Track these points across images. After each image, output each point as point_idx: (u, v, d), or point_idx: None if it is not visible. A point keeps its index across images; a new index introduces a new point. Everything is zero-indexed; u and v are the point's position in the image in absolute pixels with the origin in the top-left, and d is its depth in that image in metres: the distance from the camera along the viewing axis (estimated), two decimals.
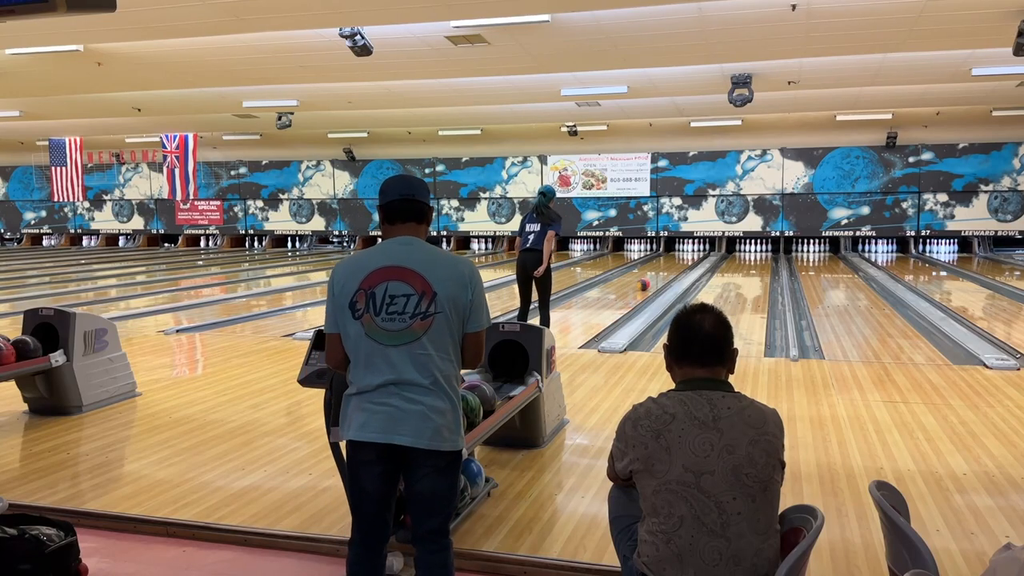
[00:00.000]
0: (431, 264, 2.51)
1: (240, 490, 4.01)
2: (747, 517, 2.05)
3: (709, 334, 2.25)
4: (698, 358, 2.25)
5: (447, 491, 2.55)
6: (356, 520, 2.61)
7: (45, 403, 5.46)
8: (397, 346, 2.46)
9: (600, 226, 21.63)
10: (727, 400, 2.18)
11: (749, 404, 2.19)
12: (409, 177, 2.70)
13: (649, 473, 2.14)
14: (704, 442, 2.09)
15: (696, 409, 2.14)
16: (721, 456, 2.08)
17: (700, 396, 2.18)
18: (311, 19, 8.98)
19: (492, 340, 4.66)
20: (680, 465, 2.09)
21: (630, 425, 2.23)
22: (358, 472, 2.54)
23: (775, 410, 2.25)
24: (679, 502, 2.08)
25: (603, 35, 9.80)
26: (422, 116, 17.42)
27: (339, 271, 2.57)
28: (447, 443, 2.49)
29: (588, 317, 10.30)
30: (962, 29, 9.41)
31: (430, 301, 2.47)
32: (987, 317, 10.14)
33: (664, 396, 2.24)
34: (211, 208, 24.53)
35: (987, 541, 3.35)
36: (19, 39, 10.01)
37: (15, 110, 16.21)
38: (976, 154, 18.98)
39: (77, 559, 2.94)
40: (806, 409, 5.48)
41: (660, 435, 2.13)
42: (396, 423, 2.45)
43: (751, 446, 2.09)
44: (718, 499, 2.05)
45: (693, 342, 2.25)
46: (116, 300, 12.82)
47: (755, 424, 2.14)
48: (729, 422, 2.12)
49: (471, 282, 2.54)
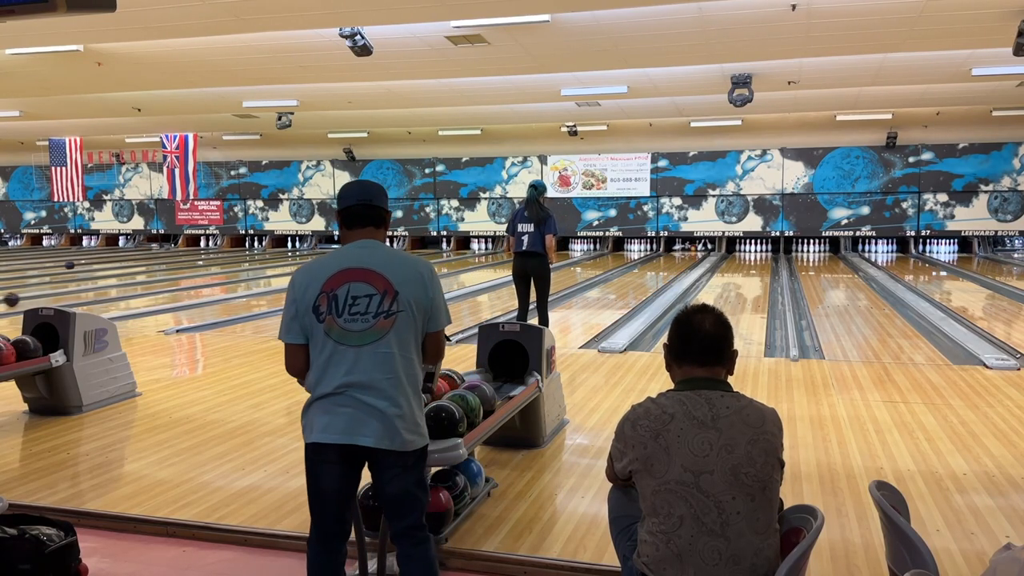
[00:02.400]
0: (391, 264, 2.55)
1: (240, 490, 4.01)
2: (746, 516, 2.06)
3: (709, 334, 2.25)
4: (697, 358, 2.25)
5: (416, 488, 2.59)
6: (316, 520, 2.63)
7: (45, 403, 5.46)
8: (360, 346, 2.49)
9: (600, 226, 21.62)
10: (726, 399, 2.18)
11: (748, 403, 2.20)
12: (367, 183, 2.75)
13: (648, 473, 2.14)
14: (703, 442, 2.09)
15: (695, 408, 2.15)
16: (720, 455, 2.08)
17: (699, 396, 2.18)
18: (311, 19, 8.98)
19: (492, 340, 4.66)
20: (679, 465, 2.09)
21: (629, 425, 2.23)
22: (319, 472, 2.57)
23: (774, 409, 2.25)
24: (678, 502, 2.08)
25: (603, 35, 9.80)
26: (422, 116, 17.42)
27: (299, 277, 2.60)
28: (410, 443, 2.53)
29: (588, 317, 10.30)
30: (962, 29, 9.41)
31: (392, 300, 2.51)
32: (987, 317, 10.14)
33: (663, 396, 2.24)
34: (211, 208, 24.53)
35: (987, 541, 3.35)
36: (19, 39, 10.01)
37: (15, 110, 16.21)
38: (976, 154, 18.98)
39: (77, 559, 2.94)
40: (806, 409, 5.48)
41: (659, 435, 2.13)
42: (359, 424, 2.47)
43: (750, 445, 2.10)
44: (717, 499, 2.06)
45: (692, 342, 2.26)
46: (116, 300, 12.82)
47: (754, 423, 2.14)
48: (728, 421, 2.12)
49: (430, 282, 2.59)
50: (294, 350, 2.58)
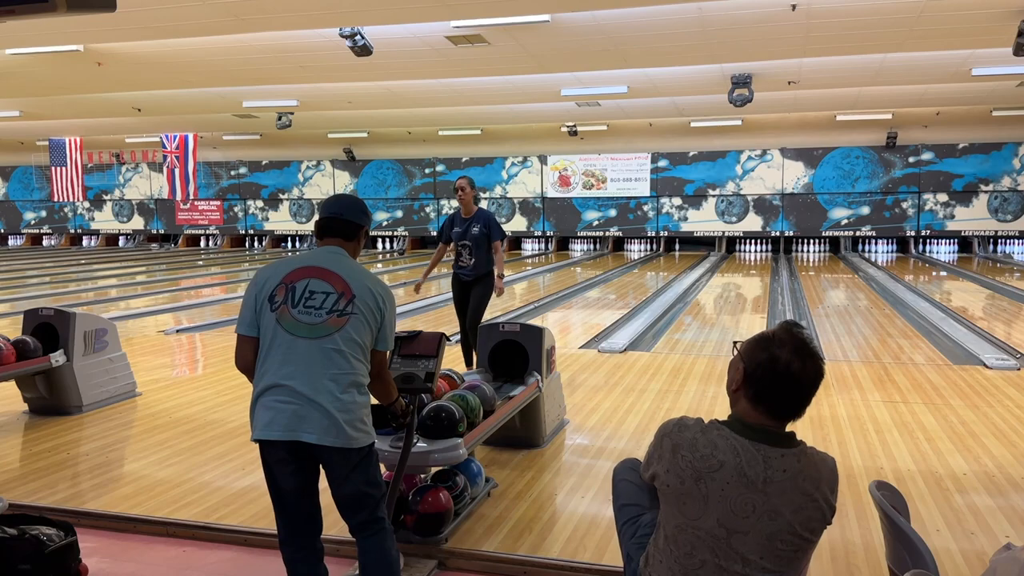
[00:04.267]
0: (353, 274, 2.60)
1: (240, 490, 4.01)
2: (772, 573, 1.92)
3: (805, 388, 1.97)
4: (779, 410, 1.97)
5: (367, 486, 2.58)
6: (281, 520, 2.62)
7: (45, 403, 5.46)
8: (309, 339, 2.50)
9: (600, 226, 21.62)
10: (784, 461, 1.93)
11: (805, 465, 1.94)
12: (345, 197, 2.81)
13: (678, 510, 1.96)
14: (747, 503, 1.89)
15: (748, 466, 1.90)
16: (760, 520, 1.89)
17: (757, 451, 1.92)
18: (311, 19, 8.98)
19: (492, 340, 4.66)
20: (715, 519, 1.90)
21: (669, 446, 2.00)
22: (272, 472, 2.56)
23: (834, 464, 2.02)
24: (704, 549, 1.93)
25: (603, 35, 9.80)
26: (422, 116, 17.42)
27: (263, 271, 2.66)
28: (355, 440, 2.51)
29: (588, 317, 10.30)
30: (962, 29, 9.41)
31: (348, 301, 2.54)
32: (987, 317, 10.14)
33: (716, 430, 1.97)
34: (211, 208, 24.53)
35: (987, 541, 3.35)
36: (19, 39, 10.02)
37: (15, 110, 16.21)
38: (976, 154, 18.97)
39: (77, 559, 2.94)
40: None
41: (701, 479, 1.91)
42: (301, 420, 2.46)
43: (794, 515, 1.90)
44: (746, 557, 1.91)
45: (786, 393, 1.96)
46: (116, 300, 12.82)
47: (806, 490, 1.92)
48: (779, 487, 1.90)
49: (385, 301, 2.62)
50: (246, 342, 2.58)
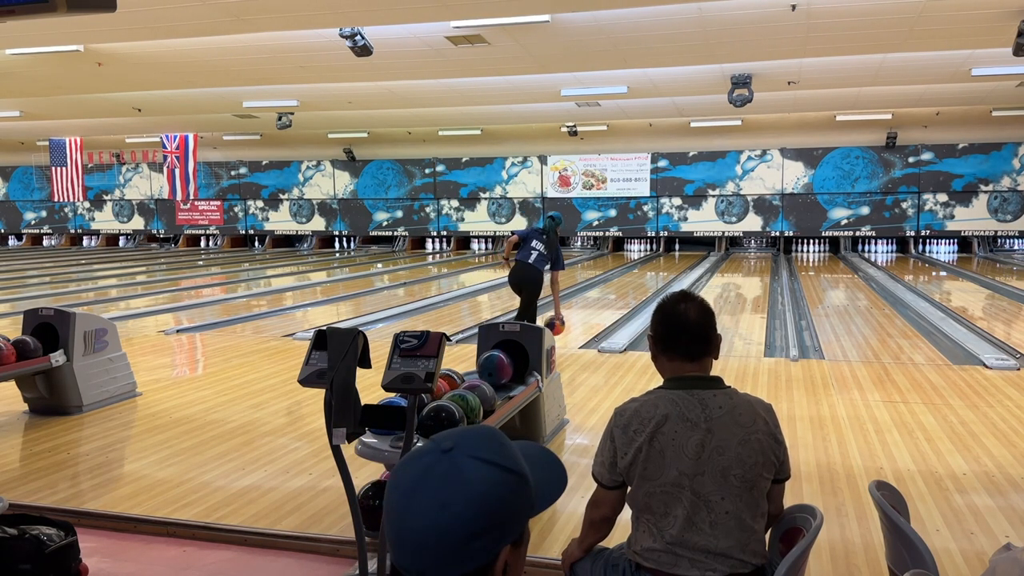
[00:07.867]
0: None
1: (240, 490, 4.01)
2: (734, 515, 2.08)
3: (696, 323, 2.21)
4: (686, 350, 2.21)
5: None
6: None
7: (45, 403, 5.46)
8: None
9: (600, 226, 21.62)
10: (718, 399, 2.15)
11: (740, 401, 2.17)
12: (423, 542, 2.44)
13: (643, 477, 2.13)
14: (696, 444, 2.08)
15: (688, 410, 2.12)
16: (711, 457, 2.08)
17: (692, 396, 2.15)
18: (311, 19, 8.98)
19: (492, 340, 4.66)
20: (675, 469, 2.09)
21: (620, 431, 2.18)
22: None
23: (767, 404, 2.21)
24: (673, 503, 2.10)
25: (603, 35, 9.80)
26: (422, 116, 17.42)
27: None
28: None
29: (588, 317, 10.30)
30: (962, 29, 9.41)
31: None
32: (987, 317, 10.14)
33: (653, 395, 2.21)
34: (211, 208, 24.53)
35: (987, 541, 3.35)
36: (19, 39, 10.01)
37: (15, 110, 16.21)
38: (976, 154, 18.97)
39: (77, 559, 2.94)
40: (806, 409, 5.48)
41: (654, 438, 2.11)
42: None
43: (740, 446, 2.09)
44: (707, 499, 2.08)
45: (680, 334, 2.21)
46: (116, 300, 12.82)
47: (745, 423, 2.12)
48: (720, 423, 2.10)
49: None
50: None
